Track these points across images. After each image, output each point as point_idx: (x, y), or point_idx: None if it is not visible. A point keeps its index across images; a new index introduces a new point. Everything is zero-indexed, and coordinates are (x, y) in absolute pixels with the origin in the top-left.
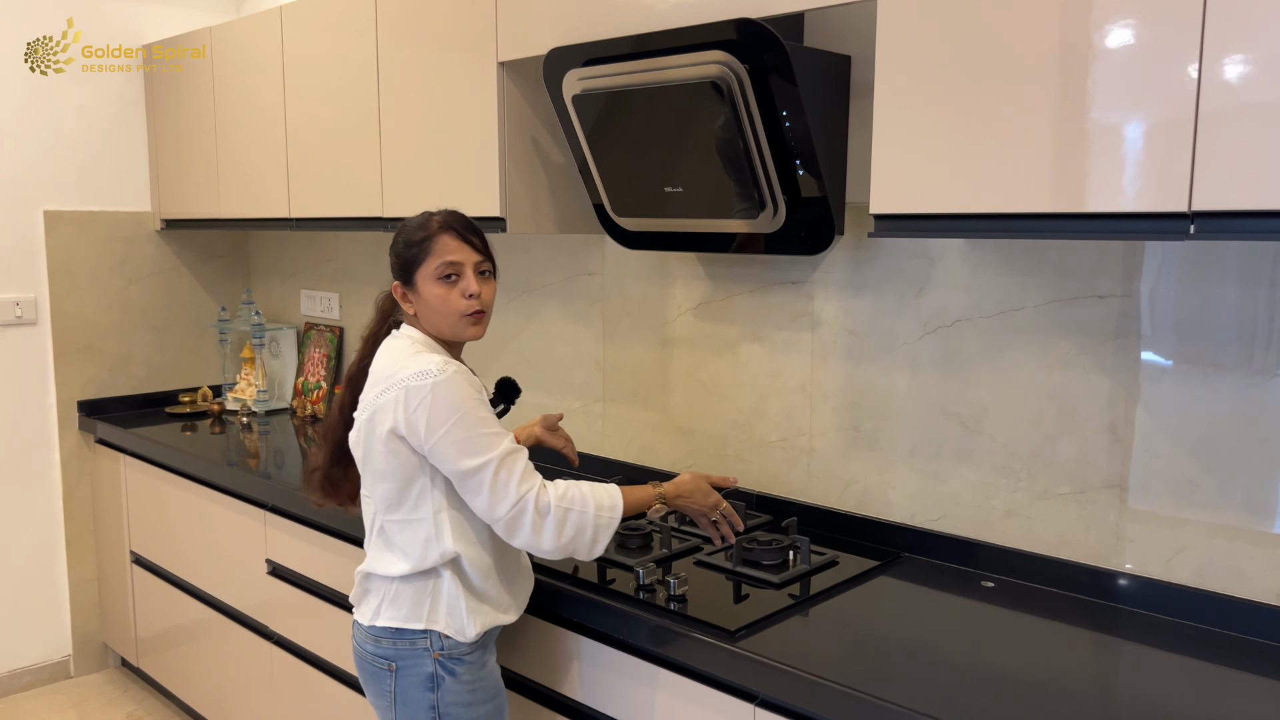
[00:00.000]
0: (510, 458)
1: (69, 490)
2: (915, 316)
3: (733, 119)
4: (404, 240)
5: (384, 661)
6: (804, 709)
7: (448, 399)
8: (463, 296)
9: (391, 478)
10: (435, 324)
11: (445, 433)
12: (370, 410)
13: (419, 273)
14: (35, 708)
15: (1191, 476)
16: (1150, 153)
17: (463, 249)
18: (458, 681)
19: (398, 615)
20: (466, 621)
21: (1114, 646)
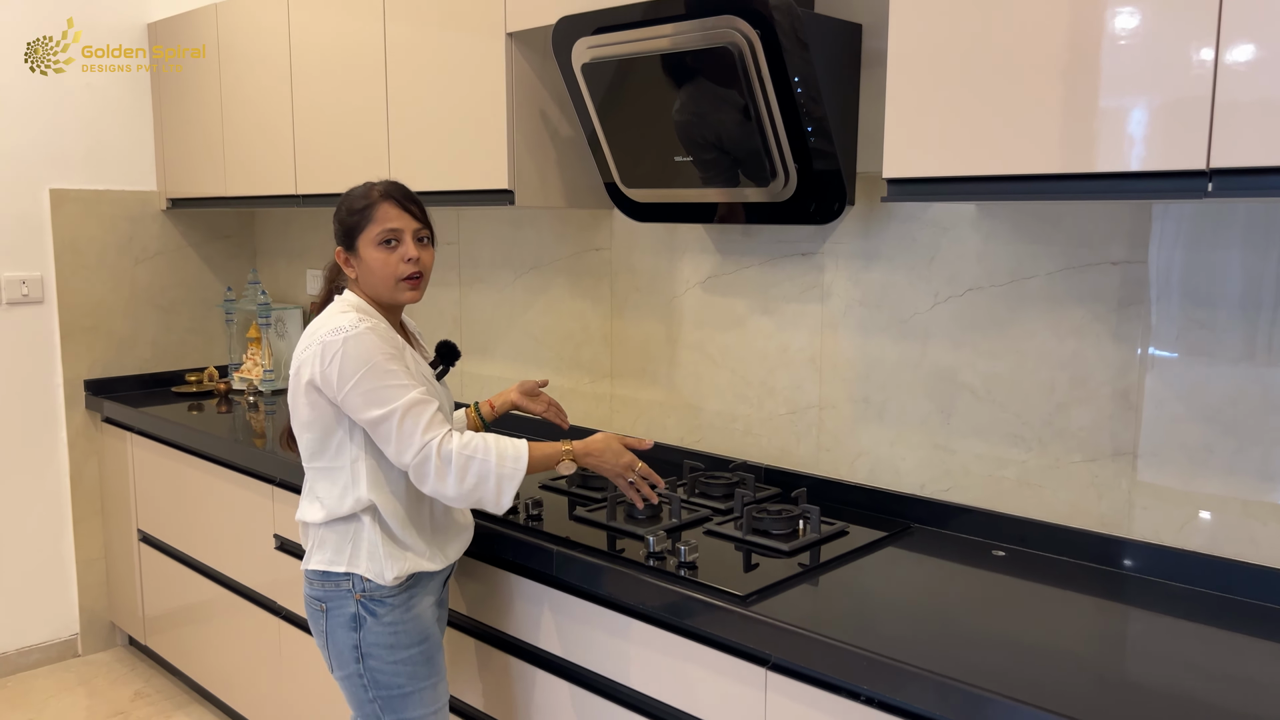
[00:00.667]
0: (416, 408)
1: (76, 469)
2: (926, 286)
3: (744, 86)
4: (346, 208)
5: (318, 603)
6: (817, 672)
7: (357, 353)
8: (402, 261)
9: (312, 427)
10: (375, 287)
11: (354, 384)
12: (295, 365)
13: (361, 238)
14: (44, 686)
15: (1205, 443)
16: (1167, 109)
17: (402, 216)
18: (379, 623)
19: (324, 559)
20: (385, 565)
21: (1126, 613)
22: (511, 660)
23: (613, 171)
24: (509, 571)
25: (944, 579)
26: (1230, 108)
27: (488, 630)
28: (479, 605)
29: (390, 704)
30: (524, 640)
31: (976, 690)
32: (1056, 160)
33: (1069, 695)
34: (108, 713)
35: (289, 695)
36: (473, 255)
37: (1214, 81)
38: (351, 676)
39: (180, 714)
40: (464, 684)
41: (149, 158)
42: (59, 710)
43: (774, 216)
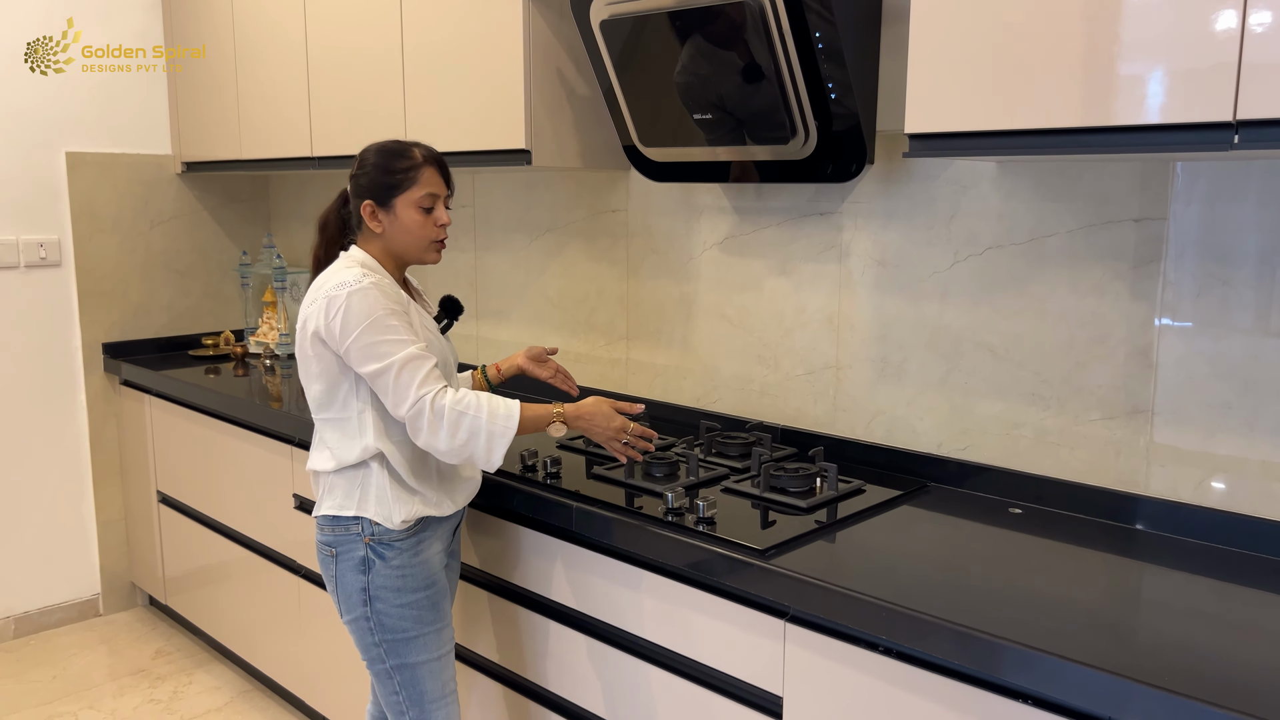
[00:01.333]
0: (413, 363)
1: (95, 431)
2: (946, 245)
3: (765, 42)
4: (386, 165)
5: (328, 548)
6: (836, 623)
7: (359, 307)
8: (435, 225)
9: (320, 379)
10: (403, 245)
11: (355, 338)
12: (302, 318)
13: (400, 198)
14: (66, 644)
15: (1224, 400)
16: (1194, 59)
17: (440, 183)
18: (387, 566)
19: (334, 504)
20: (393, 509)
21: (1142, 569)
22: (530, 614)
23: (630, 131)
24: (528, 528)
25: (960, 536)
26: (1259, 58)
27: (507, 585)
28: (498, 560)
29: (395, 648)
30: (542, 594)
31: (996, 639)
32: (1080, 114)
33: (1086, 645)
34: (129, 670)
35: (308, 652)
36: (488, 218)
37: (1242, 31)
38: (359, 620)
39: (201, 671)
40: (482, 638)
41: (164, 121)
42: (82, 667)
43: (793, 175)
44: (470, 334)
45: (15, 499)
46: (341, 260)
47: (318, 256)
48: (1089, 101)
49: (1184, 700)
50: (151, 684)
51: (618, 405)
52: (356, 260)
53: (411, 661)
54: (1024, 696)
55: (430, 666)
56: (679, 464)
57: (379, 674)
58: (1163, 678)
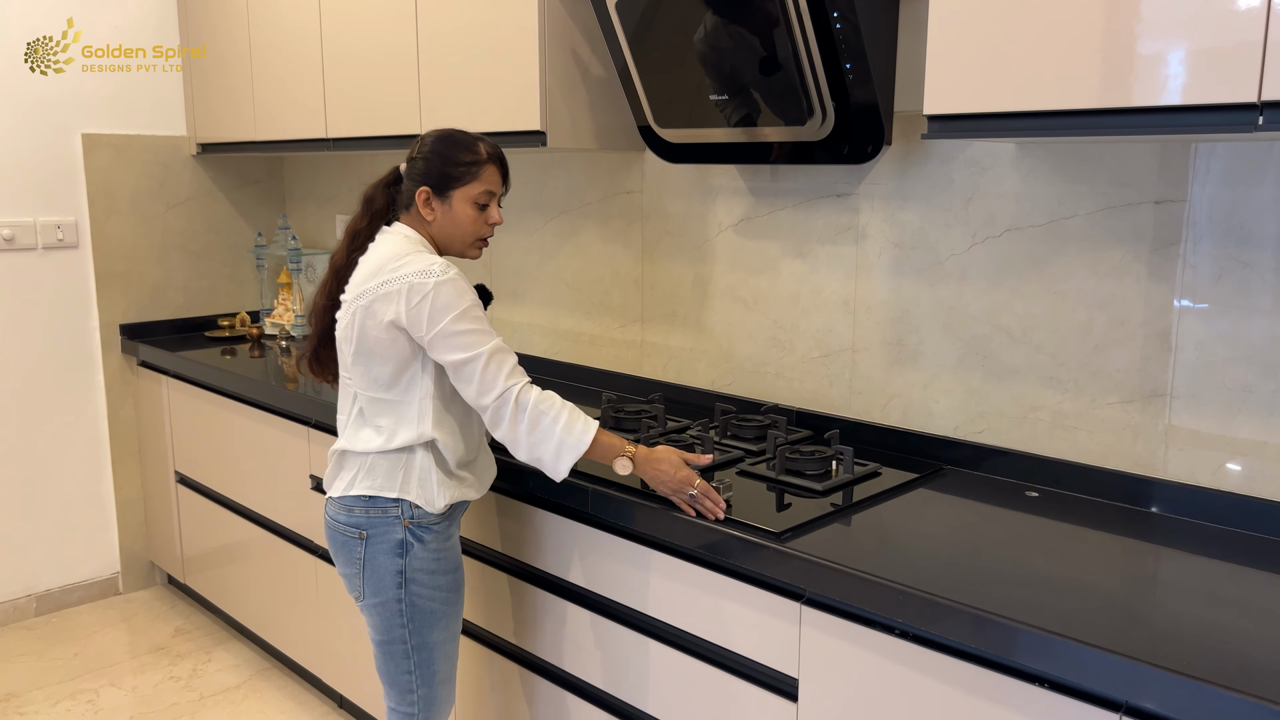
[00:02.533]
0: (500, 354)
1: (114, 412)
2: (964, 227)
3: (782, 21)
4: (451, 156)
5: (355, 530)
6: (851, 605)
7: (448, 297)
8: (487, 224)
9: (389, 361)
10: (451, 237)
11: (442, 327)
12: (370, 299)
13: (459, 191)
14: (87, 621)
15: (1244, 384)
16: (1217, 39)
17: (499, 182)
18: (425, 549)
19: (373, 485)
20: (437, 493)
21: (1159, 553)
22: (545, 595)
23: (646, 111)
24: (545, 510)
25: (976, 519)
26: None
27: (523, 566)
28: (516, 542)
29: (419, 628)
30: (558, 576)
31: (1011, 623)
32: (1100, 95)
33: (1101, 629)
34: (149, 647)
35: (326, 631)
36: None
37: (1268, 10)
38: (389, 602)
39: (220, 650)
40: (499, 618)
41: (179, 102)
42: (103, 644)
43: (810, 156)
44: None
45: (36, 479)
46: (398, 239)
47: (357, 229)
48: (1110, 82)
49: (1200, 684)
50: (171, 662)
51: (688, 457)
52: (416, 241)
53: (431, 641)
54: (1039, 680)
55: (446, 647)
56: (694, 446)
57: (394, 653)
58: (1179, 661)
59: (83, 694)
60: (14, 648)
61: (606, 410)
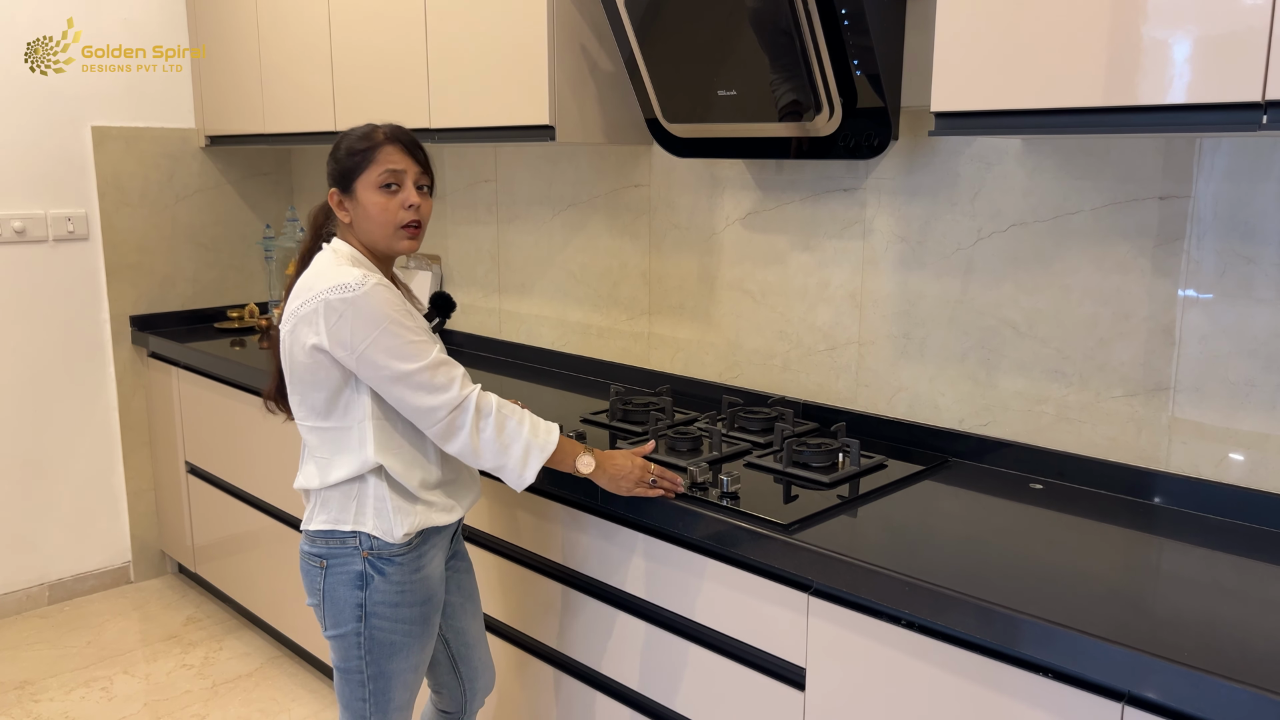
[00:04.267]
0: (447, 364)
1: (124, 403)
2: (970, 222)
3: (789, 15)
4: (346, 148)
5: (316, 559)
6: (858, 596)
7: (369, 310)
8: (402, 207)
9: (318, 388)
10: (371, 233)
11: (373, 341)
12: (292, 322)
13: (360, 180)
14: (100, 610)
15: (1248, 378)
16: (1222, 38)
17: (405, 160)
18: (387, 581)
19: (328, 519)
20: (394, 522)
21: (1163, 544)
22: (554, 585)
23: (654, 106)
24: (553, 501)
25: (981, 511)
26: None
27: (531, 558)
28: (524, 534)
29: (376, 659)
30: (567, 566)
31: (1016, 614)
32: (1106, 93)
33: (1105, 619)
34: (162, 635)
35: None
36: (510, 192)
37: (1273, 9)
38: (348, 635)
39: (231, 638)
40: (512, 611)
41: (188, 94)
42: (116, 633)
43: (817, 151)
44: (493, 308)
45: (48, 469)
46: (328, 255)
47: (304, 251)
48: (1115, 81)
49: (1202, 674)
50: (184, 650)
51: (636, 450)
52: (345, 256)
53: (390, 670)
54: (1044, 670)
55: (405, 678)
56: (702, 439)
57: (351, 682)
58: (1181, 652)
59: (96, 681)
60: (27, 636)
61: (615, 402)
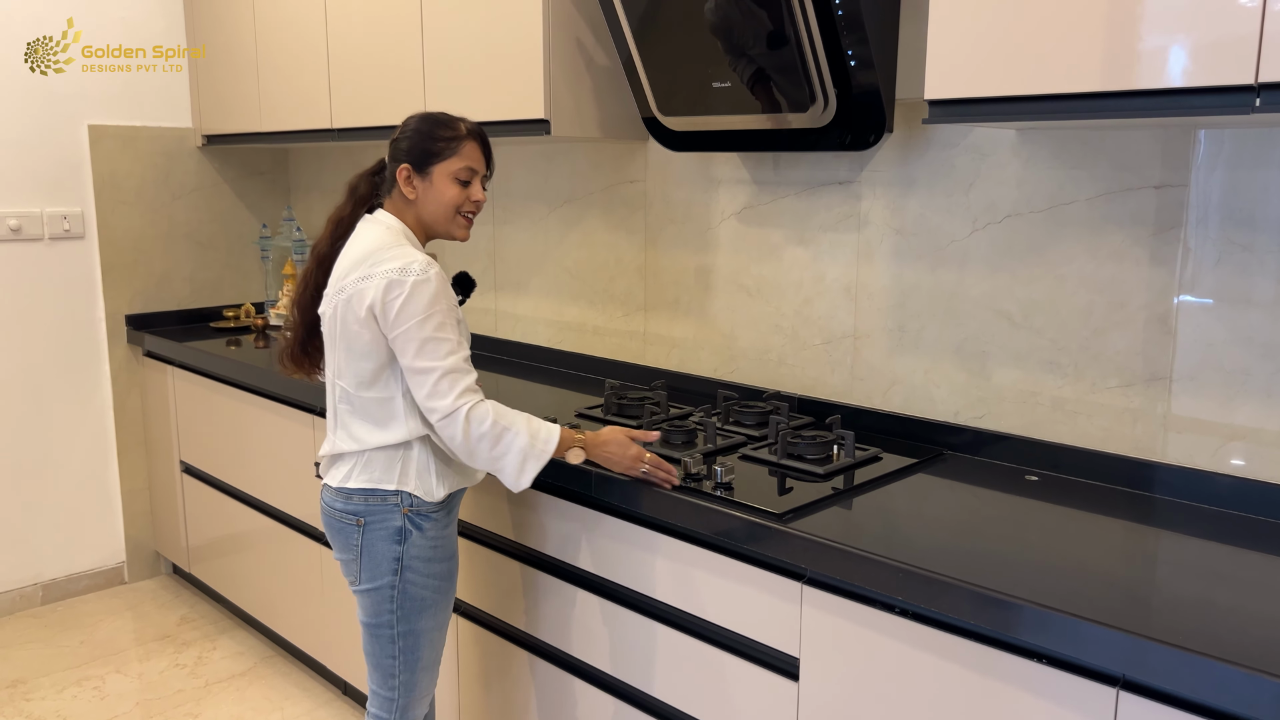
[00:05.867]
0: (455, 373)
1: (119, 402)
2: (965, 213)
3: (784, 6)
4: (429, 133)
5: (352, 517)
6: (852, 584)
7: (421, 299)
8: (469, 199)
9: (370, 358)
10: (435, 215)
11: (407, 329)
12: (349, 293)
13: (439, 166)
14: (93, 610)
15: (1243, 367)
16: (1214, 21)
17: (482, 159)
18: (423, 536)
19: (371, 478)
20: (435, 484)
21: (1158, 535)
22: (548, 578)
23: (650, 100)
24: (548, 493)
25: (976, 502)
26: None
27: (526, 550)
28: (519, 527)
29: (408, 615)
30: (560, 559)
31: (1011, 599)
32: (1101, 78)
33: (1099, 605)
34: (155, 635)
35: (329, 618)
36: (506, 188)
37: None
38: (382, 588)
39: (224, 638)
40: (503, 603)
41: (184, 94)
42: (109, 633)
43: (812, 143)
44: (489, 306)
45: (42, 469)
46: (378, 230)
47: (340, 217)
48: (1110, 66)
49: (1197, 657)
50: (177, 649)
51: (633, 434)
52: (397, 230)
53: (419, 628)
54: (1038, 656)
55: (432, 635)
56: (697, 432)
57: (382, 638)
58: (1176, 636)
59: (89, 680)
60: (21, 635)
61: (610, 397)
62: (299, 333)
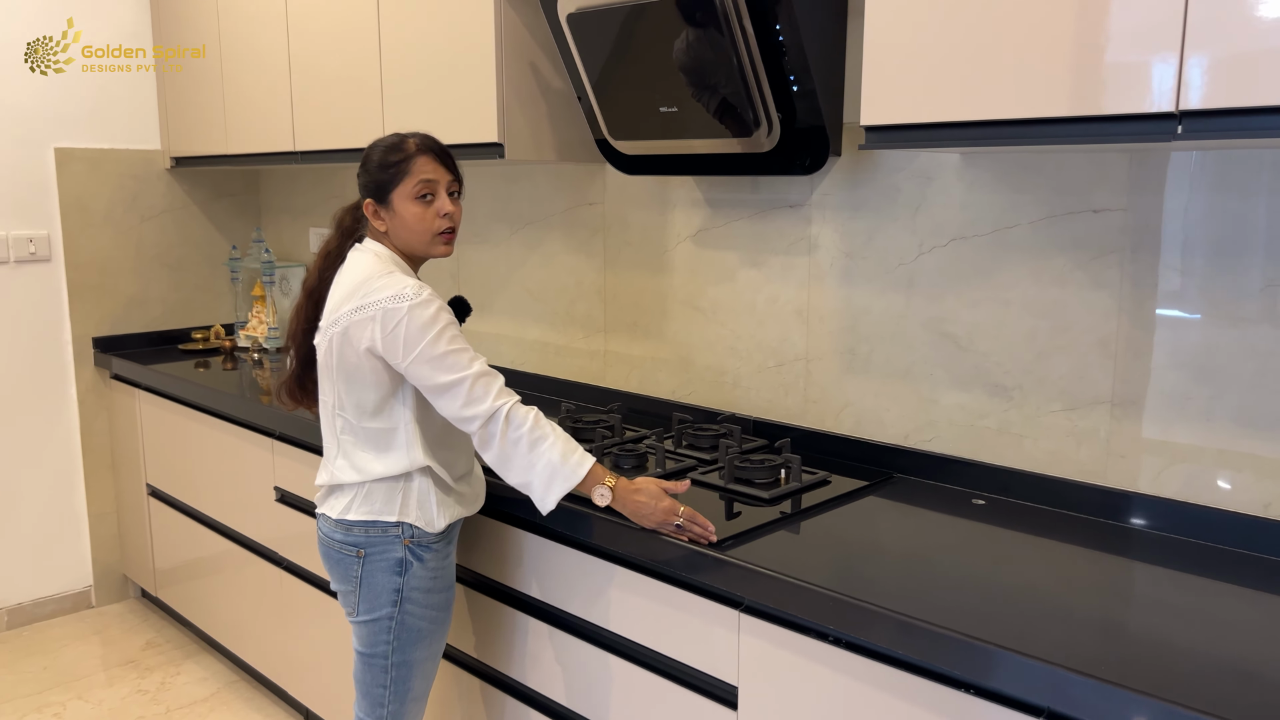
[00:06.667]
0: (486, 375)
1: (86, 425)
2: (911, 237)
3: (726, 34)
4: (380, 161)
5: (352, 549)
6: (788, 614)
7: (422, 320)
8: (437, 215)
9: (373, 389)
10: (409, 242)
11: (420, 351)
12: (344, 325)
13: (395, 192)
14: (59, 635)
15: (1182, 390)
16: (1137, 52)
17: (438, 169)
18: (424, 567)
19: (371, 510)
20: (436, 514)
21: (1100, 559)
22: (490, 602)
23: (600, 124)
24: (491, 518)
25: (921, 526)
26: (1200, 50)
27: (472, 574)
28: (467, 553)
29: (404, 646)
30: (502, 582)
31: (935, 628)
32: (1028, 106)
33: (1029, 634)
34: (119, 661)
35: (292, 644)
36: (470, 211)
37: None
38: (381, 620)
39: (190, 663)
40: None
41: (153, 116)
42: (73, 658)
43: (758, 167)
44: None
45: (8, 492)
46: (367, 259)
47: (329, 250)
48: (1035, 94)
49: (1118, 689)
50: (140, 674)
51: (665, 485)
52: (385, 258)
53: (412, 659)
54: (966, 686)
55: (425, 666)
56: (648, 456)
57: (375, 667)
58: (1099, 667)
59: (49, 707)
60: None
61: (564, 420)
62: (296, 367)
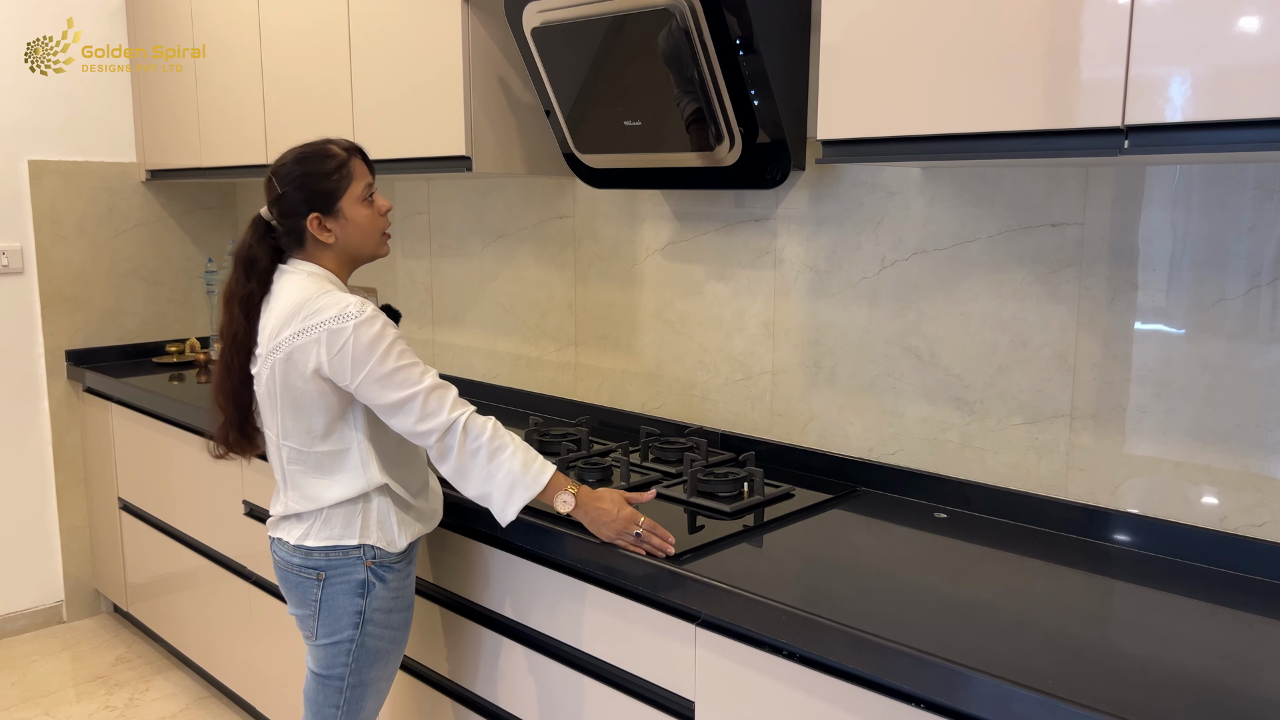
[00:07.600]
0: (440, 389)
1: (59, 439)
2: (873, 251)
3: (687, 49)
4: (316, 172)
5: (312, 572)
6: (745, 628)
7: (368, 338)
8: (380, 214)
9: (321, 413)
10: (360, 246)
11: (369, 370)
12: (286, 350)
13: (345, 198)
14: (29, 650)
15: (1139, 404)
16: (1085, 67)
17: (367, 169)
18: (386, 588)
19: (331, 535)
20: (397, 534)
21: (1058, 573)
22: (447, 614)
23: (567, 137)
24: (452, 531)
25: (883, 540)
26: (1145, 67)
27: (430, 587)
28: (419, 565)
29: (360, 666)
30: (458, 594)
31: (886, 643)
32: (978, 119)
33: (985, 649)
34: (89, 676)
35: (260, 660)
36: (443, 224)
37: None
38: (340, 643)
39: (159, 678)
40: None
41: (128, 128)
42: (42, 673)
43: (721, 181)
44: (426, 339)
45: None
46: (302, 279)
47: (245, 295)
48: (987, 109)
49: (1067, 705)
50: (109, 690)
51: (629, 496)
52: (321, 277)
53: (369, 679)
54: (917, 701)
55: (379, 685)
56: (613, 469)
57: (330, 688)
58: (1049, 682)
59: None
60: None
61: (531, 433)
62: (235, 419)
